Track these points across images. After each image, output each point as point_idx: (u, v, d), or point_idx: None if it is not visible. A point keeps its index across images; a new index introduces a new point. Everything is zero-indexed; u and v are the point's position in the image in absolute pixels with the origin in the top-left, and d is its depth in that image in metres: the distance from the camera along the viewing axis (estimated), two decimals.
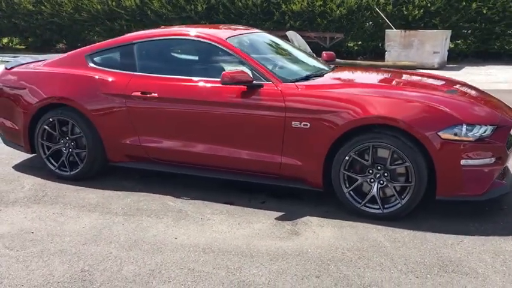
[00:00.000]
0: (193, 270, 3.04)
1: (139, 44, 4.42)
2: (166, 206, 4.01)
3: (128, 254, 3.26)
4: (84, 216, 3.84)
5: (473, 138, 3.47)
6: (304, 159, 3.81)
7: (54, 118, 4.49)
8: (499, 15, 13.26)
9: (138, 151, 4.33)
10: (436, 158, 3.47)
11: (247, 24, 14.46)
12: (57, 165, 4.59)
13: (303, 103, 3.75)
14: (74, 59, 4.62)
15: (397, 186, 3.63)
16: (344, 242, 3.37)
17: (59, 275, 3.00)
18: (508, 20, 13.29)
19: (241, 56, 4.05)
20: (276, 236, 3.49)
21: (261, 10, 14.38)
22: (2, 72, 4.87)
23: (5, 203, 4.12)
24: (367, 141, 3.60)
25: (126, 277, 2.97)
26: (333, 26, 14.02)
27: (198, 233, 3.55)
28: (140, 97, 4.20)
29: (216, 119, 4.00)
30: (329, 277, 2.94)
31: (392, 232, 3.51)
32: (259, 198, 4.15)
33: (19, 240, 3.45)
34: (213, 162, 4.13)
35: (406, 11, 13.50)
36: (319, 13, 14.02)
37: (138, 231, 3.59)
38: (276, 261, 3.14)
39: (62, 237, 3.49)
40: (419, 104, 3.57)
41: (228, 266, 3.09)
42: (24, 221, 3.77)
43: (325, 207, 3.94)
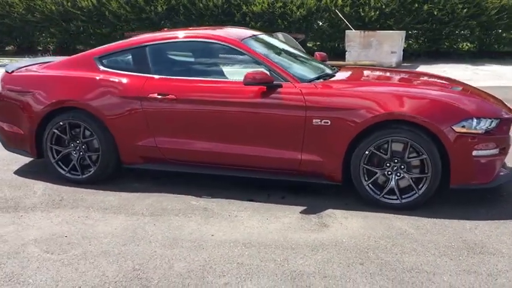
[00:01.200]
0: (242, 264, 3.17)
1: (152, 46, 4.48)
2: (190, 205, 4.10)
3: (172, 252, 3.33)
4: (111, 218, 3.87)
5: (482, 131, 3.79)
6: (325, 155, 4.01)
7: (65, 121, 4.46)
8: (448, 17, 14.02)
9: (154, 152, 4.38)
10: (450, 150, 3.76)
11: (209, 25, 14.55)
12: (68, 169, 4.55)
13: (324, 102, 3.95)
14: (82, 61, 4.60)
15: (414, 178, 3.89)
16: (373, 231, 3.60)
17: (113, 275, 3.05)
18: (457, 21, 14.07)
19: (258, 57, 4.21)
20: (307, 228, 3.67)
21: (222, 11, 14.49)
22: (3, 76, 4.77)
23: (22, 208, 4.06)
24: (386, 136, 3.85)
25: (180, 273, 3.06)
26: (293, 27, 14.33)
27: (232, 229, 3.67)
28: (157, 99, 4.26)
29: (235, 118, 4.12)
30: (372, 264, 3.15)
31: (413, 220, 3.77)
32: (278, 194, 4.32)
33: (56, 244, 3.44)
34: (232, 161, 4.25)
35: (362, 13, 14.01)
36: (279, 14, 14.29)
37: (172, 230, 3.66)
38: (317, 251, 3.32)
39: (98, 239, 3.52)
40: (434, 100, 3.86)
41: (274, 258, 3.24)
42: (52, 225, 3.76)
43: (344, 200, 4.15)
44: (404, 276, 3.00)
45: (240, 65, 4.36)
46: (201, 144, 4.27)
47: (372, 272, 3.05)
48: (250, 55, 4.23)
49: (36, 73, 4.68)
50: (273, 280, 2.97)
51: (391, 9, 14.00)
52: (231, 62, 4.46)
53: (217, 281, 2.98)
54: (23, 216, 3.91)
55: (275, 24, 14.39)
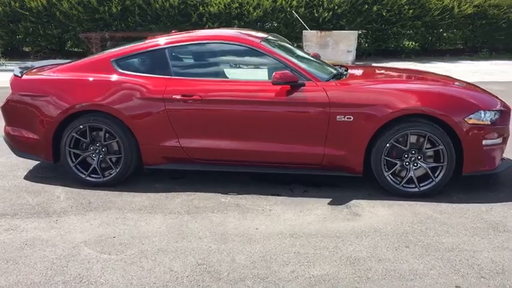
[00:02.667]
0: (299, 253, 3.37)
1: (172, 48, 4.56)
2: (221, 202, 4.23)
3: (226, 246, 3.48)
4: (149, 218, 3.94)
5: (489, 122, 4.20)
6: (347, 149, 4.28)
7: (86, 125, 4.45)
8: (395, 17, 14.80)
9: (178, 152, 4.47)
10: (464, 140, 4.14)
11: (165, 26, 14.52)
12: (88, 172, 4.54)
13: (347, 98, 4.21)
14: (98, 64, 4.61)
15: (430, 167, 4.23)
16: (403, 218, 3.90)
17: (181, 270, 3.15)
18: (403, 21, 14.87)
19: (280, 58, 4.41)
20: (342, 218, 3.92)
21: (179, 12, 14.50)
22: (14, 81, 4.68)
23: (54, 213, 4.04)
24: (406, 129, 4.17)
25: (245, 265, 3.22)
26: (250, 28, 14.56)
27: (272, 222, 3.86)
28: (181, 100, 4.36)
29: (260, 117, 4.31)
30: (416, 246, 3.45)
31: (433, 206, 4.11)
32: (300, 188, 4.54)
33: (108, 245, 3.49)
34: (257, 158, 4.42)
35: (316, 13, 14.49)
36: (236, 15, 14.48)
37: (215, 226, 3.79)
38: (362, 238, 3.57)
39: (148, 238, 3.59)
40: (448, 95, 4.23)
41: (325, 246, 3.46)
42: (93, 227, 3.78)
43: (365, 191, 4.44)
44: (449, 255, 3.31)
45: (262, 65, 4.54)
46: (226, 143, 4.40)
47: (420, 254, 3.34)
48: (272, 56, 4.41)
49: (50, 77, 4.63)
50: (335, 266, 3.19)
51: (343, 10, 14.58)
52: (253, 63, 4.62)
53: (284, 269, 3.16)
54: (59, 221, 3.90)
55: (232, 24, 14.56)
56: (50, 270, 3.17)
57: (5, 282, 3.04)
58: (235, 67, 4.75)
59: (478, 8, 14.94)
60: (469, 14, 14.94)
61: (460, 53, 15.92)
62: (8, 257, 3.33)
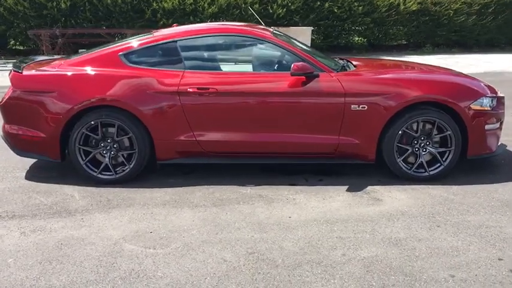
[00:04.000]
0: (341, 238, 3.48)
1: (183, 41, 4.52)
2: (244, 194, 4.27)
3: (268, 235, 3.52)
4: (178, 212, 3.91)
5: (490, 108, 4.49)
6: (361, 137, 4.43)
7: (97, 121, 4.33)
8: (346, 14, 15.25)
9: (193, 146, 4.45)
10: (469, 125, 4.41)
11: (118, 23, 14.19)
12: (99, 170, 4.42)
13: (361, 88, 4.37)
14: (106, 59, 4.49)
15: (439, 152, 4.47)
16: (422, 201, 4.11)
17: (235, 260, 3.17)
18: (353, 18, 15.35)
19: (292, 49, 4.50)
20: (366, 203, 4.07)
21: (131, 8, 14.18)
22: (15, 77, 4.46)
23: (75, 212, 3.92)
24: (417, 116, 4.38)
25: (294, 251, 3.28)
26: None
27: (302, 211, 3.94)
28: (196, 93, 4.34)
29: (277, 108, 4.37)
30: (446, 225, 3.66)
31: (445, 188, 4.35)
32: (313, 177, 4.65)
33: (149, 240, 3.44)
34: (273, 149, 4.49)
35: (271, 10, 14.66)
36: (190, 11, 14.38)
37: (247, 216, 3.83)
38: (393, 221, 3.74)
39: (187, 231, 3.57)
40: (455, 83, 4.50)
41: (363, 230, 3.59)
42: (125, 224, 3.71)
43: (374, 177, 4.61)
44: (480, 231, 3.54)
45: (275, 57, 4.61)
46: (242, 135, 4.43)
47: (453, 232, 3.54)
48: (285, 48, 4.49)
49: (56, 72, 4.45)
50: (380, 247, 3.33)
51: (296, 6, 14.84)
52: (266, 55, 4.67)
53: (334, 254, 3.25)
54: (85, 219, 3.78)
55: (187, 21, 14.43)
56: (101, 267, 3.09)
57: (58, 281, 2.94)
58: (248, 59, 4.77)
59: (421, 5, 15.66)
60: (413, 11, 15.63)
61: (405, 48, 16.63)
62: (49, 257, 3.20)
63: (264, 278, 2.96)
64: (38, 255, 3.24)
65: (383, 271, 3.03)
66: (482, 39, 16.61)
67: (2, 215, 3.84)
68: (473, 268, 3.05)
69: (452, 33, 16.19)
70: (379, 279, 2.94)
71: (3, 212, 3.89)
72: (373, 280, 2.93)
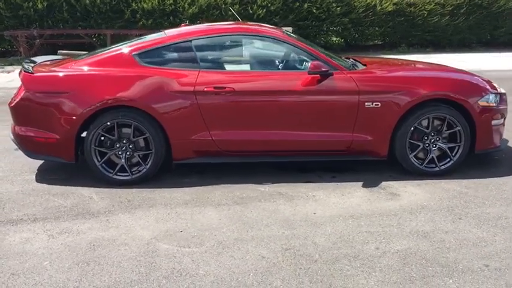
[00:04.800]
0: (370, 232, 3.55)
1: (197, 40, 4.53)
2: (262, 192, 4.30)
3: (298, 231, 3.58)
4: (203, 211, 3.91)
5: (494, 104, 4.66)
6: (374, 134, 4.53)
7: (113, 121, 4.30)
8: (325, 14, 15.43)
9: (209, 146, 4.46)
10: (477, 121, 4.56)
11: (96, 23, 13.99)
12: (115, 171, 4.39)
13: (375, 86, 4.47)
14: (119, 59, 4.46)
15: (449, 147, 4.61)
16: (438, 195, 4.23)
17: (273, 256, 3.21)
18: (332, 18, 15.55)
19: (306, 48, 4.57)
20: (385, 199, 4.16)
21: (110, 8, 13.98)
22: (27, 78, 4.37)
23: (98, 213, 3.88)
24: (428, 113, 4.51)
25: (328, 246, 3.35)
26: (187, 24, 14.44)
27: (324, 207, 4.00)
28: (213, 92, 4.36)
29: (293, 106, 4.43)
30: (468, 217, 3.78)
31: (457, 182, 4.49)
32: (326, 174, 4.72)
33: (181, 239, 3.44)
34: (289, 147, 4.54)
35: (251, 10, 14.71)
36: (170, 11, 14.30)
37: (273, 214, 3.87)
38: (416, 215, 3.84)
39: (217, 230, 3.59)
40: (464, 80, 4.65)
41: (389, 224, 3.68)
42: (152, 224, 3.70)
43: (385, 173, 4.71)
44: (501, 222, 3.68)
45: (289, 56, 4.66)
46: (258, 134, 4.47)
47: (476, 223, 3.67)
48: (300, 47, 4.55)
49: (70, 72, 4.39)
50: (411, 240, 3.42)
51: (276, 7, 14.93)
52: (280, 54, 4.72)
53: (368, 247, 3.33)
54: (110, 220, 3.75)
55: (167, 21, 14.36)
56: (141, 267, 3.08)
57: (101, 282, 2.92)
58: (263, 59, 4.81)
59: (397, 6, 15.97)
60: (389, 12, 15.92)
61: (381, 48, 16.93)
62: (84, 259, 3.17)
63: (306, 273, 3.01)
64: (73, 257, 3.20)
65: (419, 263, 3.12)
66: (455, 39, 17.05)
67: (24, 219, 3.77)
68: (504, 257, 3.17)
69: (426, 33, 16.56)
70: (418, 270, 3.03)
71: (24, 216, 3.82)
72: (412, 272, 3.02)
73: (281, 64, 4.73)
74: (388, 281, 2.92)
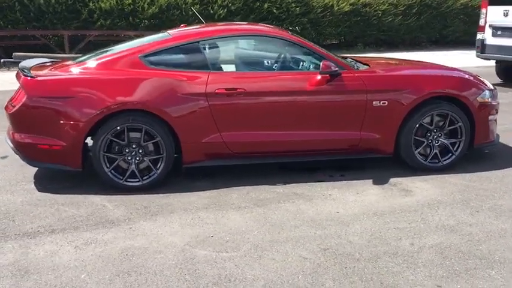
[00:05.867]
0: (399, 228, 3.62)
1: (205, 42, 4.46)
2: (279, 193, 4.29)
3: (329, 230, 3.59)
4: (227, 214, 3.85)
5: (490, 100, 4.87)
6: (381, 132, 4.62)
7: (123, 126, 4.16)
8: (285, 14, 15.58)
9: (220, 148, 4.40)
10: (476, 117, 4.75)
11: (51, 24, 13.49)
12: (125, 177, 4.25)
13: (382, 85, 4.56)
14: (126, 61, 4.31)
15: (451, 142, 4.77)
16: (448, 189, 4.36)
17: (314, 257, 3.21)
18: (291, 18, 15.72)
19: (314, 49, 4.60)
20: (399, 195, 4.25)
21: (66, 8, 13.51)
22: (28, 83, 4.14)
23: (118, 221, 3.74)
24: (432, 110, 4.64)
25: (364, 244, 3.38)
26: (145, 25, 14.20)
27: (344, 205, 4.04)
28: (224, 94, 4.30)
29: (304, 106, 4.45)
30: (483, 210, 3.92)
31: (461, 176, 4.65)
32: (335, 173, 4.76)
33: (215, 244, 3.38)
34: (299, 147, 4.56)
35: (212, 10, 14.63)
36: (129, 11, 13.99)
37: (297, 214, 3.86)
38: (435, 210, 3.94)
39: (248, 233, 3.55)
40: (464, 78, 4.81)
41: (414, 219, 3.76)
42: (179, 230, 3.60)
43: (390, 170, 4.79)
44: None
45: (297, 56, 4.67)
46: (269, 135, 4.45)
47: (495, 215, 3.82)
48: (307, 47, 4.58)
49: (75, 76, 4.20)
50: (440, 235, 3.51)
51: (237, 7, 14.93)
52: (288, 54, 4.71)
53: (403, 244, 3.39)
54: (133, 228, 3.63)
55: (125, 22, 14.05)
56: (186, 275, 2.99)
57: None
58: (272, 59, 4.78)
59: (353, 6, 16.36)
60: (346, 12, 16.29)
61: (338, 47, 17.26)
62: (123, 269, 3.05)
63: (354, 272, 3.03)
64: (109, 268, 3.07)
65: (457, 256, 3.21)
66: (407, 38, 17.66)
67: (41, 231, 3.57)
68: None
69: (381, 32, 17.06)
70: (459, 264, 3.11)
71: (39, 228, 3.62)
72: (454, 265, 3.10)
73: (290, 64, 4.73)
74: (435, 276, 2.98)
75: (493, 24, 9.63)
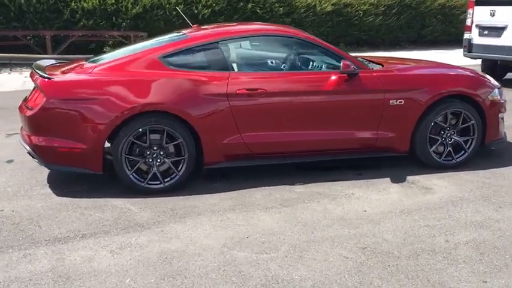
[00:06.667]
0: (429, 226, 3.67)
1: (225, 42, 4.42)
2: (301, 193, 4.29)
3: (362, 229, 3.61)
4: (256, 215, 3.84)
5: (498, 98, 4.98)
6: (398, 130, 4.67)
7: (146, 127, 4.10)
8: (268, 14, 15.60)
9: (240, 149, 4.38)
10: (488, 115, 4.84)
11: (32, 23, 13.19)
12: (146, 179, 4.19)
13: (398, 84, 4.61)
14: (145, 61, 4.25)
15: (464, 140, 4.85)
16: (466, 186, 4.44)
17: (355, 256, 3.22)
18: (275, 18, 15.73)
19: (333, 50, 4.62)
20: (420, 193, 4.30)
21: (48, 8, 13.22)
22: (48, 85, 4.04)
23: (148, 224, 3.68)
24: (446, 108, 4.72)
25: (401, 242, 3.41)
26: (129, 25, 14.01)
27: (369, 204, 4.07)
28: (245, 94, 4.28)
29: (323, 106, 4.46)
30: (506, 205, 4.01)
31: (475, 173, 4.73)
32: (352, 172, 4.78)
33: (252, 245, 3.36)
34: (319, 147, 4.57)
35: (196, 10, 14.54)
36: (112, 11, 13.78)
37: (326, 214, 3.87)
38: (460, 206, 4.00)
39: (282, 233, 3.54)
40: (476, 77, 4.91)
41: (441, 217, 3.82)
42: (212, 232, 3.57)
43: (405, 168, 4.84)
44: None
45: (315, 56, 4.68)
46: (290, 135, 4.45)
47: None
48: (326, 48, 4.59)
49: (95, 77, 4.11)
50: (472, 231, 3.57)
51: (221, 7, 14.87)
52: (307, 54, 4.72)
53: (438, 240, 3.43)
54: (165, 231, 3.58)
55: (109, 21, 13.83)
56: (232, 277, 2.97)
57: None
58: (290, 59, 4.77)
59: (335, 6, 16.49)
60: (328, 12, 16.40)
61: None
62: (166, 273, 3.01)
63: (398, 270, 3.05)
64: (152, 272, 3.02)
65: (494, 252, 3.27)
66: (387, 38, 17.88)
67: (70, 236, 3.49)
68: None
69: (362, 32, 17.23)
70: (498, 259, 3.17)
71: (68, 233, 3.54)
72: (493, 261, 3.15)
73: (308, 64, 4.74)
74: (477, 272, 3.03)
75: (480, 24, 9.83)
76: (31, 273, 2.99)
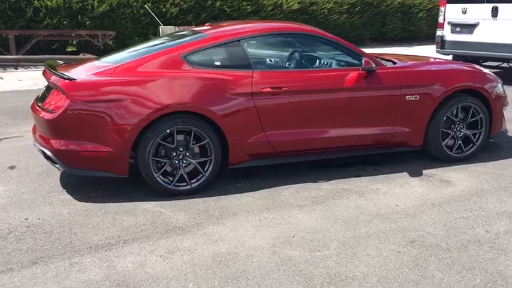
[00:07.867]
0: (464, 218, 3.76)
1: (246, 40, 4.37)
2: (328, 190, 4.30)
3: (401, 223, 3.67)
4: (294, 214, 3.81)
5: (502, 92, 5.18)
6: (413, 125, 4.77)
7: (173, 128, 4.00)
8: (236, 13, 15.55)
9: (264, 148, 4.35)
10: (494, 108, 5.02)
11: None
12: (173, 182, 4.09)
13: (414, 80, 4.71)
14: (167, 60, 4.14)
15: (472, 133, 5.01)
16: (481, 178, 4.58)
17: (406, 250, 3.26)
18: (243, 17, 15.71)
19: (350, 47, 4.66)
20: (443, 186, 4.41)
21: (9, 6, 12.66)
22: (70, 86, 3.86)
23: (187, 227, 3.59)
24: (458, 103, 4.86)
25: (444, 235, 3.48)
26: (95, 24, 13.63)
27: (398, 198, 4.14)
28: (270, 92, 4.26)
29: (345, 103, 4.49)
30: None
31: (486, 165, 4.90)
32: (369, 168, 4.84)
33: (303, 244, 3.34)
34: (341, 143, 4.59)
35: (164, 9, 14.31)
36: (78, 10, 13.36)
37: (360, 209, 3.90)
38: (484, 197, 4.13)
39: (326, 231, 3.54)
40: (482, 72, 5.07)
41: (472, 208, 3.92)
42: (256, 232, 3.52)
43: (418, 162, 4.96)
44: None
45: (335, 54, 4.70)
46: (313, 132, 4.45)
47: None
48: (344, 46, 4.62)
49: (119, 78, 3.96)
50: (505, 220, 3.70)
51: (189, 5, 14.70)
52: (327, 52, 4.73)
53: (478, 231, 3.53)
54: (207, 234, 3.50)
55: (75, 20, 13.40)
56: (295, 276, 2.94)
57: None
58: (311, 56, 4.77)
59: (301, 4, 16.64)
60: (294, 10, 16.53)
61: None
62: (226, 276, 2.95)
63: (453, 262, 3.11)
64: (211, 275, 2.96)
65: None
66: (351, 35, 18.17)
67: (111, 242, 3.36)
68: None
69: (328, 30, 17.40)
70: None
71: (108, 239, 3.40)
72: None
73: (328, 62, 4.75)
74: None
75: (452, 21, 10.15)
76: (86, 283, 2.86)
